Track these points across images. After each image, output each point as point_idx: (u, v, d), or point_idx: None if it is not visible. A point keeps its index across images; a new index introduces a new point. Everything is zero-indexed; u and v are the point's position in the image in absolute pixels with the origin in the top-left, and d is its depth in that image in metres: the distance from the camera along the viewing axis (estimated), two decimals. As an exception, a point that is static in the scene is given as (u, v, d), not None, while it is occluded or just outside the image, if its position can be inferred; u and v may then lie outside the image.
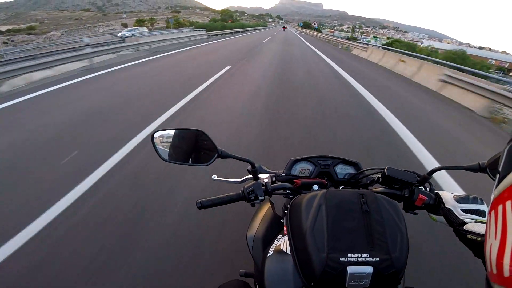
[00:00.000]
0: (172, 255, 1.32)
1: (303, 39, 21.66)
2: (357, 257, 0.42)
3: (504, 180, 0.25)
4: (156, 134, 0.62)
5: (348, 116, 3.51)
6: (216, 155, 0.59)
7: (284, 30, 51.53)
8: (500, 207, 0.25)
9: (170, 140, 0.61)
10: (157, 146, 0.62)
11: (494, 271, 0.25)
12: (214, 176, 0.70)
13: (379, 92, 4.78)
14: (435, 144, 2.75)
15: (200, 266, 1.26)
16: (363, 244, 0.43)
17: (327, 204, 0.47)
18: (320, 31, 45.44)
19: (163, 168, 2.00)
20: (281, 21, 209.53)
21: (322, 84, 5.30)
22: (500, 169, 0.26)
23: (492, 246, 0.25)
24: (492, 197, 0.27)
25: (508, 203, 0.23)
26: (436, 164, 2.33)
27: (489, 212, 0.27)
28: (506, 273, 0.23)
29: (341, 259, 0.42)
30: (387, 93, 4.95)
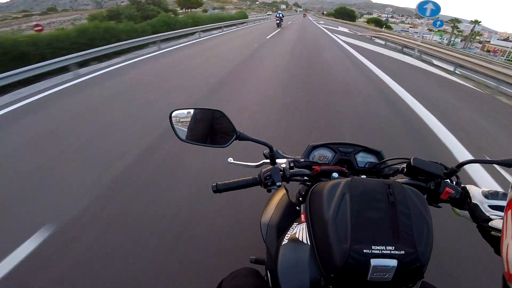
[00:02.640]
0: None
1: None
2: (381, 250, 0.45)
3: None
4: (174, 113, 0.70)
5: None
6: (234, 137, 0.65)
7: (304, 17, 53.26)
8: None
9: (188, 119, 0.69)
10: (174, 124, 0.69)
11: (511, 271, 0.27)
12: (230, 159, 0.78)
13: None
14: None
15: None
16: (388, 236, 0.46)
17: (351, 193, 0.50)
18: (391, 28, 36.18)
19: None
20: (299, 9, 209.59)
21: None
22: None
23: (508, 246, 0.28)
24: (509, 196, 0.29)
25: None
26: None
27: (506, 212, 0.30)
28: None
29: (364, 251, 0.45)
30: None
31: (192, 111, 0.70)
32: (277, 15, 18.60)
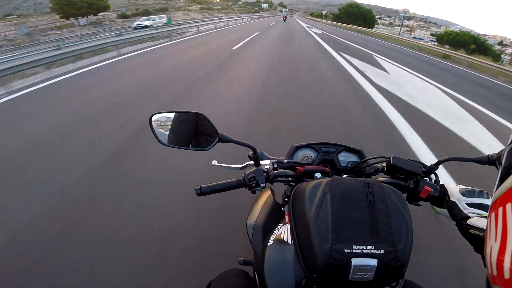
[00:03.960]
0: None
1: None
2: (362, 249, 0.48)
3: (505, 182, 0.29)
4: (154, 117, 0.72)
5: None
6: (217, 139, 0.67)
7: (290, 17, 43.50)
8: (500, 209, 0.29)
9: (169, 123, 0.72)
10: (155, 129, 0.71)
11: (495, 273, 0.28)
12: (214, 162, 0.81)
13: None
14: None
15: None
16: (368, 236, 0.49)
17: (332, 193, 0.54)
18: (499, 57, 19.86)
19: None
20: (284, 9, 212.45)
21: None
22: (501, 168, 0.30)
23: (492, 248, 0.29)
24: (493, 198, 0.31)
25: (508, 205, 0.27)
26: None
27: (490, 214, 0.32)
28: (507, 275, 0.26)
29: (345, 250, 0.48)
30: None
31: (172, 114, 0.72)
32: (283, 14, 30.88)
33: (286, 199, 0.79)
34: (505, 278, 0.26)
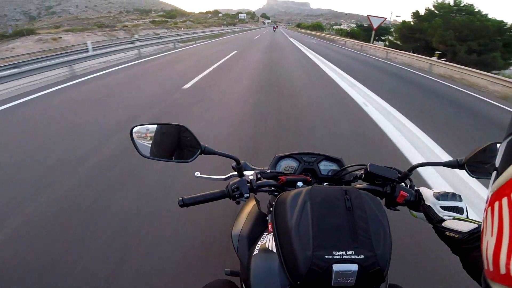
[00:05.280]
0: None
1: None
2: (342, 255, 0.51)
3: (500, 177, 0.30)
4: (135, 129, 0.73)
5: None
6: (199, 151, 0.69)
7: (276, 28, 47.09)
8: (496, 204, 0.30)
9: (151, 135, 0.73)
10: (136, 141, 0.72)
11: (491, 269, 0.29)
12: (197, 173, 0.83)
13: None
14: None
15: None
16: (347, 241, 0.52)
17: (312, 201, 0.57)
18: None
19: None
20: (267, 21, 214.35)
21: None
22: (497, 165, 0.31)
23: (488, 243, 0.30)
24: (489, 194, 0.32)
25: (504, 200, 0.28)
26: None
27: (486, 209, 0.33)
28: (503, 270, 0.27)
29: (326, 257, 0.50)
30: None
31: (154, 126, 0.73)
32: (273, 26, 39.67)
33: (270, 208, 0.82)
34: (501, 273, 0.26)
